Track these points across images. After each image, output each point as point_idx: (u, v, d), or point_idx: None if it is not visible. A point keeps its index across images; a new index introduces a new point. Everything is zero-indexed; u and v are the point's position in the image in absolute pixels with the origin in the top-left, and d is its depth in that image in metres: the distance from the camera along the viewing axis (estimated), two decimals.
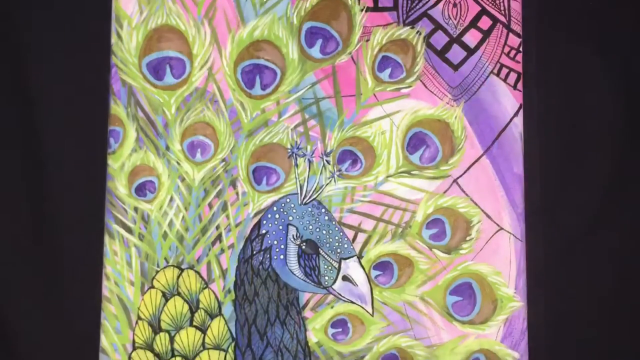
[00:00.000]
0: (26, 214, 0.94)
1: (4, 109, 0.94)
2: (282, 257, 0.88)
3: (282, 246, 0.88)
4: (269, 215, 0.89)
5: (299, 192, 0.89)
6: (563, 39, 0.95)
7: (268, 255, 0.88)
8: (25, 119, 0.94)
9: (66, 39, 0.94)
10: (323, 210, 0.89)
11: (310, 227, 0.88)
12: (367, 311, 0.88)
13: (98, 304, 0.89)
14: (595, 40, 0.96)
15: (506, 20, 0.91)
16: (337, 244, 0.88)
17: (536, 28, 0.93)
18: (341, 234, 0.88)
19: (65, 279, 0.93)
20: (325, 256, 0.87)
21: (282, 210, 0.88)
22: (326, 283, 0.87)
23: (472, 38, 0.91)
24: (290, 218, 0.88)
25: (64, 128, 0.93)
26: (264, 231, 0.88)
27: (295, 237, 0.88)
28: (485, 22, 0.91)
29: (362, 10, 0.91)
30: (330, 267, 0.87)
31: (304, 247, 0.88)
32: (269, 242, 0.88)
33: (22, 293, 0.93)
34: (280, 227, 0.88)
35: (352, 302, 0.88)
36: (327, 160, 0.90)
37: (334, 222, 0.88)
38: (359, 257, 0.89)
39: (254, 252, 0.88)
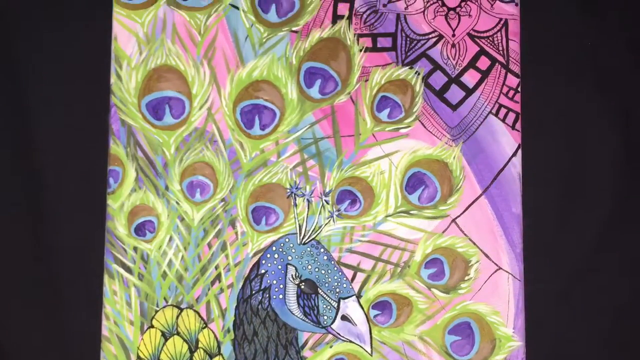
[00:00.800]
0: (26, 253, 0.94)
1: (3, 150, 0.95)
2: (281, 296, 0.88)
3: (281, 286, 0.88)
4: (268, 255, 0.89)
5: (297, 232, 0.89)
6: (562, 78, 0.96)
7: (267, 295, 0.88)
8: (25, 159, 0.94)
9: (65, 79, 0.95)
10: (322, 250, 0.89)
11: (309, 266, 0.88)
12: (366, 351, 0.88)
13: (98, 343, 0.89)
14: (594, 80, 0.96)
15: (505, 61, 0.91)
16: (336, 284, 0.88)
17: (535, 68, 0.93)
18: (340, 273, 0.88)
19: (65, 318, 0.93)
20: (324, 296, 0.87)
21: (281, 250, 0.89)
22: (325, 322, 0.88)
23: (470, 78, 0.91)
24: (290, 258, 0.88)
25: (63, 168, 0.94)
26: (263, 271, 0.89)
27: (294, 276, 0.88)
28: (483, 63, 0.92)
29: (361, 50, 0.91)
30: (329, 307, 0.87)
31: (303, 286, 0.88)
32: (268, 281, 0.88)
33: (21, 333, 0.94)
34: (279, 267, 0.88)
35: (351, 341, 0.88)
36: (326, 200, 0.90)
37: (332, 262, 0.89)
38: (358, 296, 0.89)
39: (253, 292, 0.88)
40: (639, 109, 0.96)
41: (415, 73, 0.91)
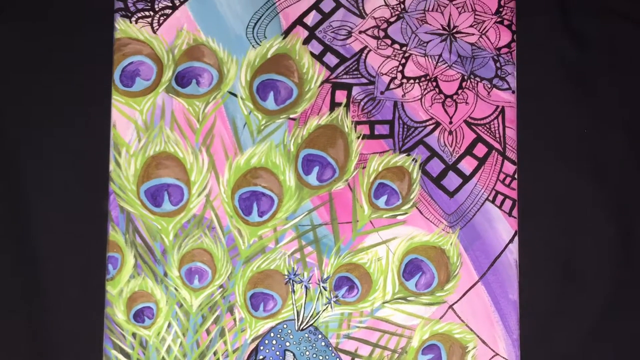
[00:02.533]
0: (25, 339, 0.94)
1: (2, 238, 0.95)
2: None
3: None
4: (266, 341, 0.89)
5: (295, 318, 0.89)
6: (558, 165, 0.96)
7: None
8: (24, 246, 0.94)
9: (64, 166, 0.95)
10: (320, 336, 0.89)
11: (307, 352, 0.89)
12: None
13: None
14: (590, 167, 0.96)
15: (501, 148, 0.92)
16: None
17: (531, 155, 0.94)
18: (338, 359, 0.89)
19: None
20: None
21: (279, 336, 0.89)
22: None
23: (467, 165, 0.92)
24: (288, 344, 0.89)
25: (62, 255, 0.94)
26: (261, 357, 0.89)
27: None
28: (480, 150, 0.92)
29: (358, 137, 0.92)
30: None
31: None
32: None
33: None
34: (278, 353, 0.89)
35: None
36: (323, 287, 0.90)
37: (330, 348, 0.89)
38: None
39: None
40: (636, 196, 0.96)
41: (413, 160, 0.92)
